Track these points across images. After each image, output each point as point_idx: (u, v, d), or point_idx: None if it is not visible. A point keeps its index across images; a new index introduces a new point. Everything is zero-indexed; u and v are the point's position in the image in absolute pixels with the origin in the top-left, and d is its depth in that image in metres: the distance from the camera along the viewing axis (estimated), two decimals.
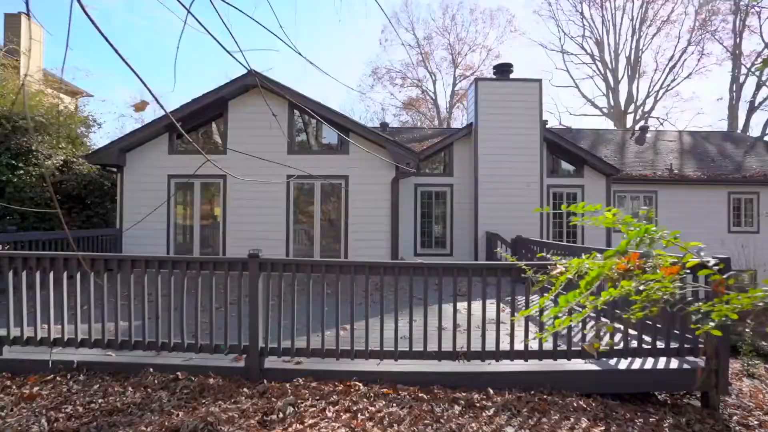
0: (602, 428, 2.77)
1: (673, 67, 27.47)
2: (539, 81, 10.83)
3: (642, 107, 28.71)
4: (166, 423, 2.54)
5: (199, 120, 9.67)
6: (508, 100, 10.76)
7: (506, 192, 10.57)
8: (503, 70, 11.19)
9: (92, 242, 7.85)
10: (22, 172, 8.03)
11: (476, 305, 3.50)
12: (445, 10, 38.36)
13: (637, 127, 20.04)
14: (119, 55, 1.47)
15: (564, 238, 11.45)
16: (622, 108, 28.18)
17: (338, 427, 2.58)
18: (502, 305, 3.53)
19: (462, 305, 3.63)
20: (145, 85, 1.58)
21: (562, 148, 11.44)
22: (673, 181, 12.51)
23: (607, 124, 29.30)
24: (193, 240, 9.57)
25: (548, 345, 3.47)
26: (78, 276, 3.52)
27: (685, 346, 3.45)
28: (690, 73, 27.59)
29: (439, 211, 11.69)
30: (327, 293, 3.49)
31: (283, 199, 9.48)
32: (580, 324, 3.93)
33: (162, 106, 1.58)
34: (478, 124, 10.78)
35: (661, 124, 29.64)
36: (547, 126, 14.69)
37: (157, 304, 3.46)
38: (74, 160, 9.13)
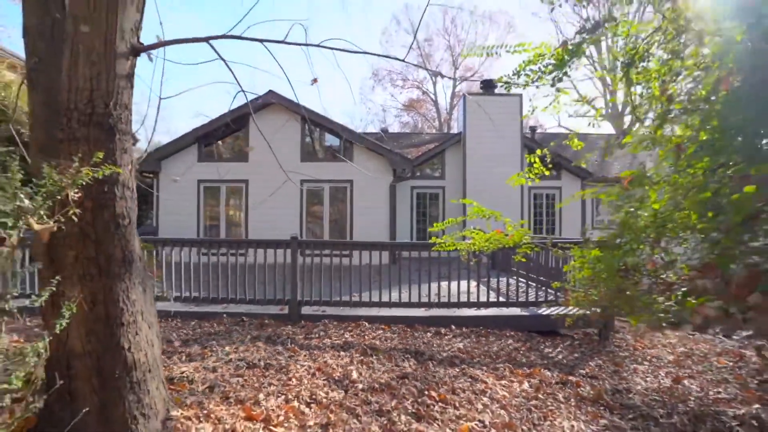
0: (520, 344, 4.35)
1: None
2: (520, 95, 12.40)
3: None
4: (248, 336, 4.13)
5: (224, 132, 11.29)
6: (492, 112, 12.26)
7: (491, 193, 12.13)
8: (489, 86, 12.77)
9: None
10: None
11: (456, 282, 5.10)
12: (445, 12, 39.84)
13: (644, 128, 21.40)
14: (259, 130, 3.04)
15: (543, 230, 13.08)
16: (620, 109, 29.65)
17: (353, 340, 4.16)
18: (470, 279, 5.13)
19: (444, 283, 5.22)
20: (271, 148, 3.15)
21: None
22: None
23: (605, 125, 30.76)
24: (219, 236, 11.16)
25: (496, 299, 5.06)
26: (172, 253, 5.13)
27: None
28: (684, 75, 29.01)
29: (433, 211, 13.27)
30: (342, 277, 5.06)
31: (297, 201, 11.09)
32: (514, 289, 5.52)
33: (285, 171, 3.15)
34: (466, 132, 12.37)
35: None
36: (537, 131, 16.36)
37: (227, 272, 5.06)
38: None
